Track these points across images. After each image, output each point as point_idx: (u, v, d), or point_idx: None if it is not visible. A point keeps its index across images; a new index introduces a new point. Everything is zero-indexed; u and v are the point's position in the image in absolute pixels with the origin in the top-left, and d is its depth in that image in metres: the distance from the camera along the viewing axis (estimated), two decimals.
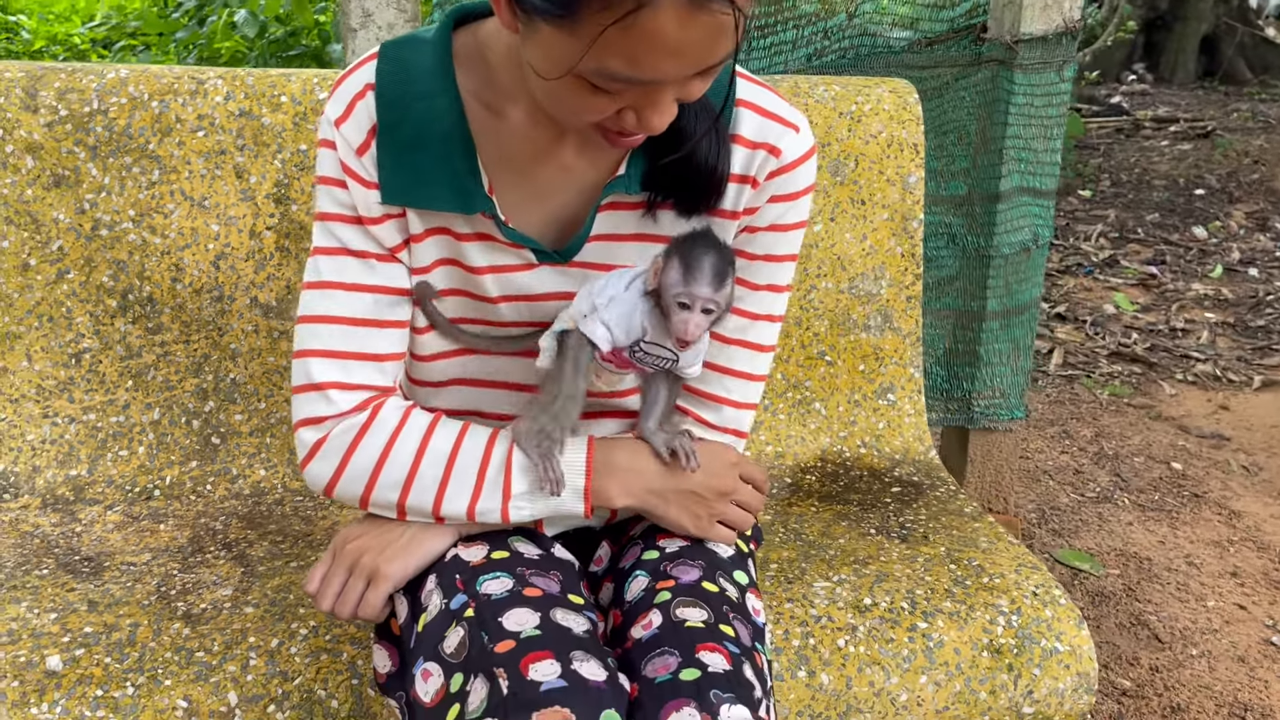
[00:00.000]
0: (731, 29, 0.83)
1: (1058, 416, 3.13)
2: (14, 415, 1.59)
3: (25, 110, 1.58)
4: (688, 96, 0.92)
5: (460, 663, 0.96)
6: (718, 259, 1.00)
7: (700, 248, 1.00)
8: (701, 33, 0.82)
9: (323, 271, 1.08)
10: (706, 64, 0.86)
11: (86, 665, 1.21)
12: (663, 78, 0.86)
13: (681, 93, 0.91)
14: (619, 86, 0.87)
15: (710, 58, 0.86)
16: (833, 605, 1.36)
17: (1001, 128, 2.04)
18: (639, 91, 0.88)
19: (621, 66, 0.84)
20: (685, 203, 1.08)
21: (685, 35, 0.82)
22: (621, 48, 0.82)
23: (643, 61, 0.83)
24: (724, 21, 0.82)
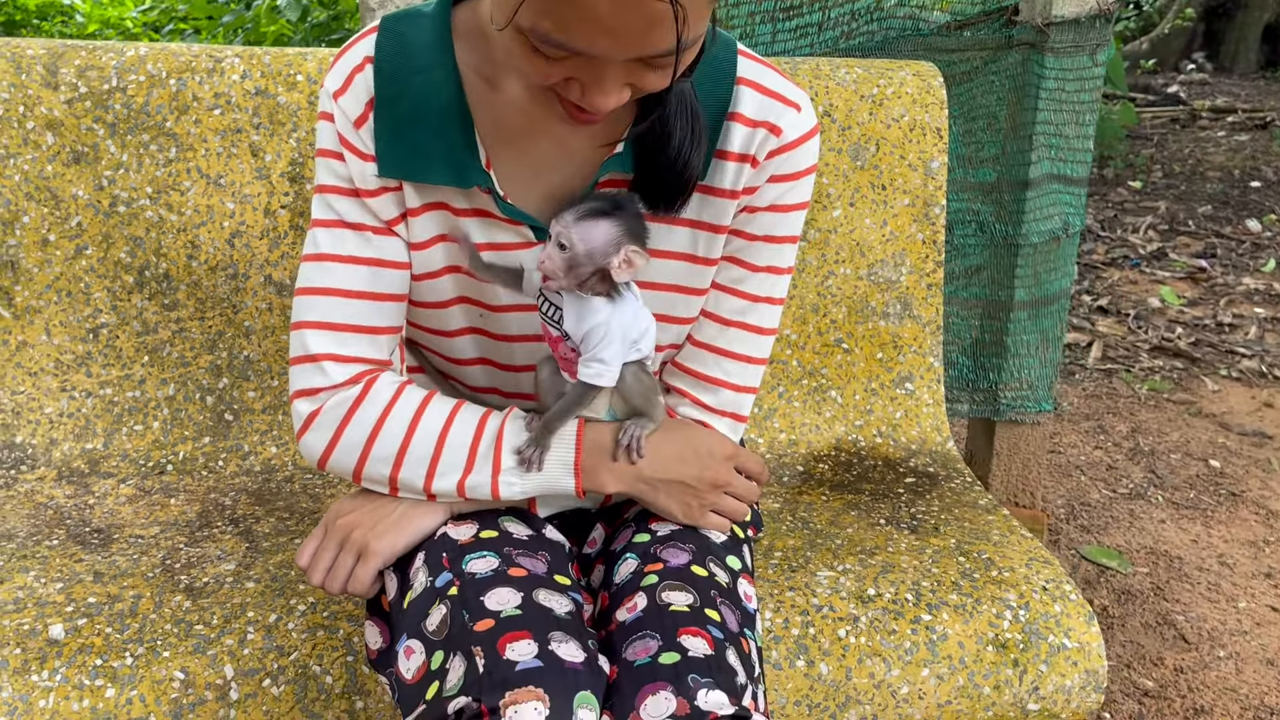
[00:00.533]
0: (670, 20, 0.80)
1: (1093, 411, 3.06)
2: (32, 388, 1.62)
3: (46, 87, 1.60)
4: (643, 85, 0.90)
5: (441, 641, 0.95)
6: (599, 208, 1.00)
7: (599, 198, 1.02)
8: (635, 15, 0.80)
9: (320, 244, 1.08)
10: (645, 51, 0.84)
11: (88, 635, 1.22)
12: (597, 52, 0.84)
13: (632, 79, 0.89)
14: (556, 52, 0.85)
15: (649, 45, 0.83)
16: (835, 595, 1.34)
17: (1032, 113, 1.99)
18: (580, 63, 0.86)
19: (552, 29, 0.82)
20: (648, 197, 1.06)
21: (617, 14, 0.80)
22: (551, 9, 0.81)
23: (572, 29, 0.82)
24: (660, 10, 0.79)
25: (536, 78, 0.90)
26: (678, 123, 1.01)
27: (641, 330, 1.07)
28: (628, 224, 1.00)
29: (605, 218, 0.99)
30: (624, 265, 0.99)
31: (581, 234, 0.99)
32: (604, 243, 0.99)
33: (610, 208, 1.00)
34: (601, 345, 1.03)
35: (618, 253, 0.99)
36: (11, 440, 1.60)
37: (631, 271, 1.00)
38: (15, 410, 1.61)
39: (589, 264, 0.99)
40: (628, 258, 0.99)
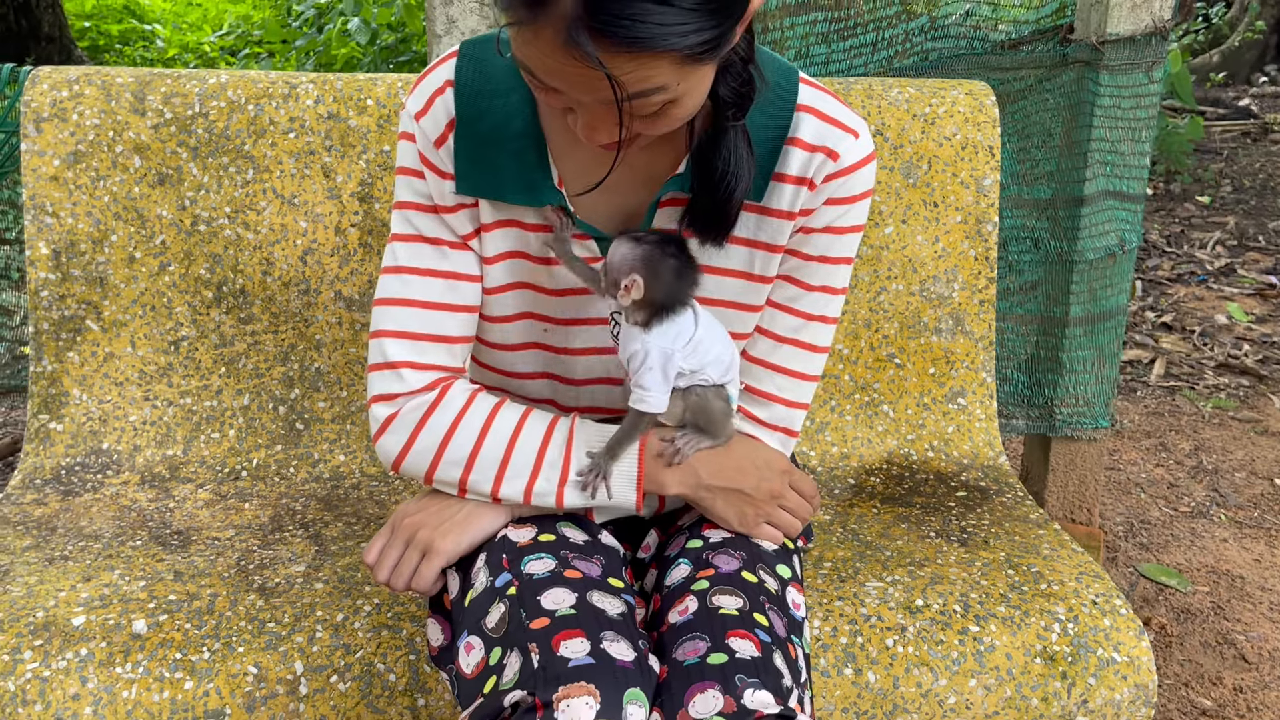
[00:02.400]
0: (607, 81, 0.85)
1: (1155, 428, 3.02)
2: (118, 397, 1.71)
3: (134, 114, 1.69)
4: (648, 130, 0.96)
5: (500, 637, 1.00)
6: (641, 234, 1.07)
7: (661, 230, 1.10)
8: (573, 72, 0.86)
9: (399, 257, 1.14)
10: (595, 97, 0.89)
11: (168, 630, 1.30)
12: (558, 89, 0.90)
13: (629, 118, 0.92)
14: (536, 84, 0.92)
15: (595, 94, 0.88)
16: (884, 605, 1.36)
17: (1087, 130, 2.00)
18: (564, 96, 0.92)
19: (523, 60, 0.90)
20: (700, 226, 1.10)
21: (560, 67, 0.86)
22: (519, 45, 0.89)
23: (535, 66, 0.89)
24: (596, 72, 0.85)
25: (544, 104, 0.96)
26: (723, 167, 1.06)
27: (703, 359, 1.11)
28: (650, 255, 1.06)
29: (638, 244, 1.07)
30: (624, 289, 1.06)
31: (616, 247, 1.07)
32: (619, 262, 1.06)
33: (654, 240, 1.07)
34: (641, 372, 1.09)
35: (628, 276, 1.05)
36: (99, 446, 1.69)
37: (626, 296, 1.06)
38: (102, 418, 1.70)
39: (610, 276, 1.07)
40: (627, 285, 1.06)
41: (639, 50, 0.83)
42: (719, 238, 1.11)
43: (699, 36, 0.84)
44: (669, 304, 1.08)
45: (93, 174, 1.69)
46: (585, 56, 0.83)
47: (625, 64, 0.84)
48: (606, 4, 0.80)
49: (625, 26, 0.81)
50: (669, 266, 1.07)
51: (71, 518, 1.56)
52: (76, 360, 1.71)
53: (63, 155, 1.68)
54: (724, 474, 1.15)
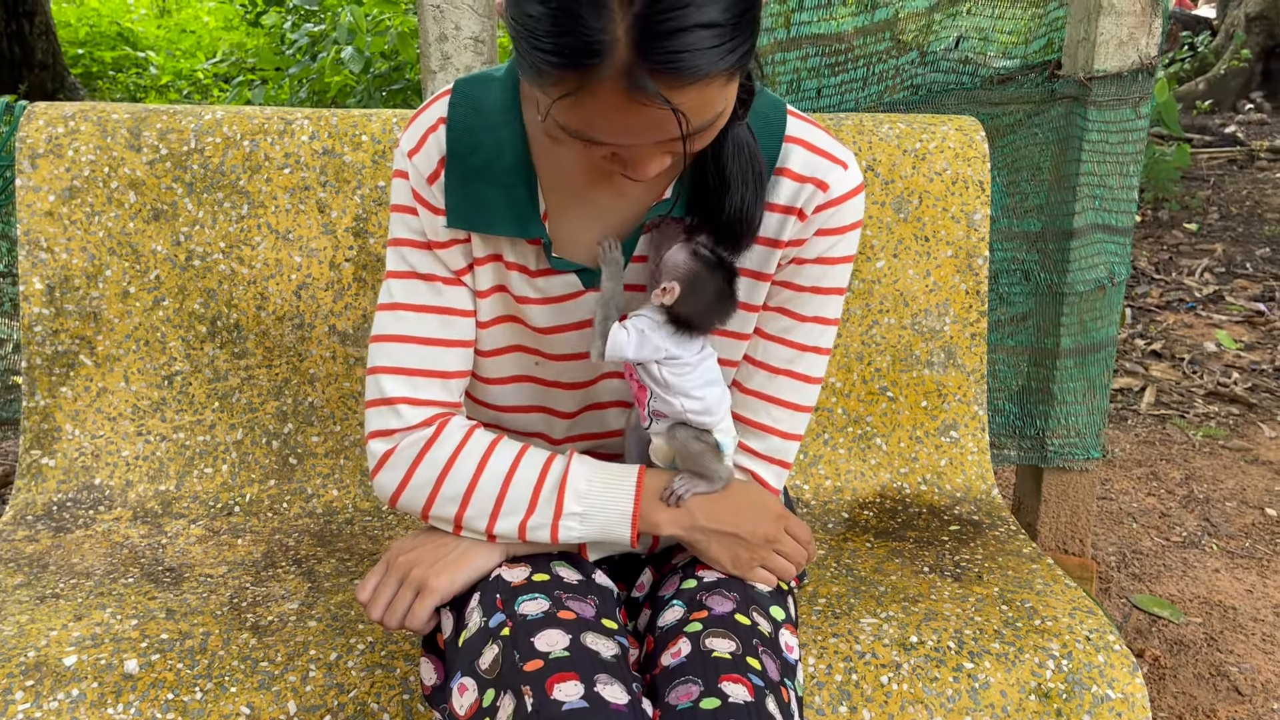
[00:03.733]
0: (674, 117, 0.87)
1: (1146, 457, 3.04)
2: (111, 432, 1.71)
3: (130, 149, 1.70)
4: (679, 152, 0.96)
5: (493, 679, 1.00)
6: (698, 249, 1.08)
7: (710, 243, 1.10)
8: (642, 119, 0.87)
9: (394, 294, 1.15)
10: (662, 138, 0.91)
11: (160, 670, 1.29)
12: (619, 143, 0.92)
13: (667, 150, 0.95)
14: (589, 146, 0.93)
15: (663, 134, 0.90)
16: (878, 642, 1.36)
17: (1075, 164, 2.02)
18: (610, 147, 0.94)
19: (579, 128, 0.91)
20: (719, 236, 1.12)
21: (627, 119, 0.88)
22: (574, 116, 0.89)
23: (595, 130, 0.90)
24: (664, 112, 0.86)
25: (583, 157, 0.97)
26: (737, 170, 1.07)
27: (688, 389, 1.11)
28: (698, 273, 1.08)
29: (694, 258, 1.08)
30: (662, 290, 1.08)
31: (676, 251, 1.09)
32: (670, 267, 1.08)
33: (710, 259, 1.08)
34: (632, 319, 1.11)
35: (668, 280, 1.08)
36: (91, 481, 1.69)
37: (660, 297, 1.08)
38: (95, 453, 1.70)
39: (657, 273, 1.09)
40: (666, 288, 1.08)
41: (698, 78, 0.85)
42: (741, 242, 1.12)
43: (741, 50, 0.86)
44: (691, 324, 1.10)
45: (88, 209, 1.70)
46: (651, 99, 0.85)
47: (686, 95, 0.86)
48: (659, 43, 0.82)
49: (684, 59, 0.83)
50: (710, 289, 1.09)
51: (63, 554, 1.55)
52: (69, 395, 1.70)
53: (58, 191, 1.69)
54: (719, 517, 1.15)
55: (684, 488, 1.14)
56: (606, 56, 0.83)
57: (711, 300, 1.09)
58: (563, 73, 0.85)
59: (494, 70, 1.15)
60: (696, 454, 1.12)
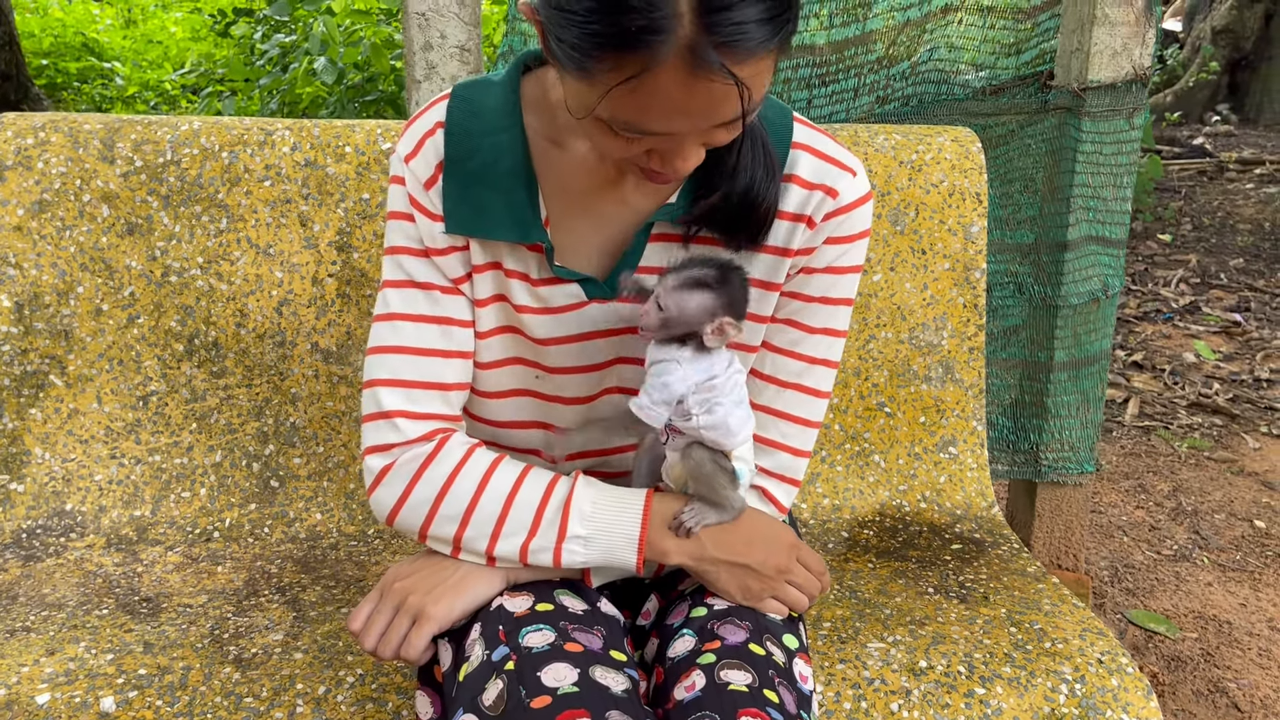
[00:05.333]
0: (735, 93, 0.85)
1: (1133, 470, 3.02)
2: (83, 456, 1.64)
3: (103, 161, 1.63)
4: (714, 142, 0.94)
5: (498, 716, 0.95)
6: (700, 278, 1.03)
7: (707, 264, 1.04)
8: (704, 97, 0.85)
9: (391, 304, 1.10)
10: (716, 121, 0.89)
11: (139, 708, 1.22)
12: (673, 131, 0.89)
13: (706, 140, 0.93)
14: (634, 135, 0.90)
15: (719, 116, 0.88)
16: (886, 668, 1.32)
17: (1069, 175, 2.00)
18: (657, 139, 0.91)
19: (632, 118, 0.88)
20: (730, 235, 1.08)
21: (689, 98, 0.85)
22: (629, 104, 0.86)
23: (650, 116, 0.87)
24: (727, 88, 0.84)
25: (619, 154, 0.94)
26: (749, 158, 1.04)
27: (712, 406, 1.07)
28: (727, 295, 1.04)
29: (704, 290, 1.03)
30: (715, 333, 1.04)
31: (677, 301, 1.03)
32: (697, 311, 1.03)
33: (714, 280, 1.03)
34: (654, 384, 1.06)
35: (711, 321, 1.03)
36: (61, 508, 1.62)
37: (721, 339, 1.04)
38: (65, 478, 1.63)
39: (681, 326, 1.04)
40: (720, 327, 1.03)
41: (760, 51, 0.84)
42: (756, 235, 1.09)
43: (789, 25, 0.85)
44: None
45: (59, 224, 1.63)
46: (716, 75, 0.83)
47: (744, 70, 0.84)
48: (723, 14, 0.81)
49: (748, 30, 0.82)
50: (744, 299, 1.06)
51: (33, 585, 1.48)
52: (39, 417, 1.63)
53: (27, 204, 1.62)
54: (729, 547, 1.10)
55: (693, 518, 1.09)
56: (670, 33, 0.80)
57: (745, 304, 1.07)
58: (621, 55, 0.82)
59: (492, 74, 1.11)
60: (709, 476, 1.08)
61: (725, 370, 1.07)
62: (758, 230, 1.08)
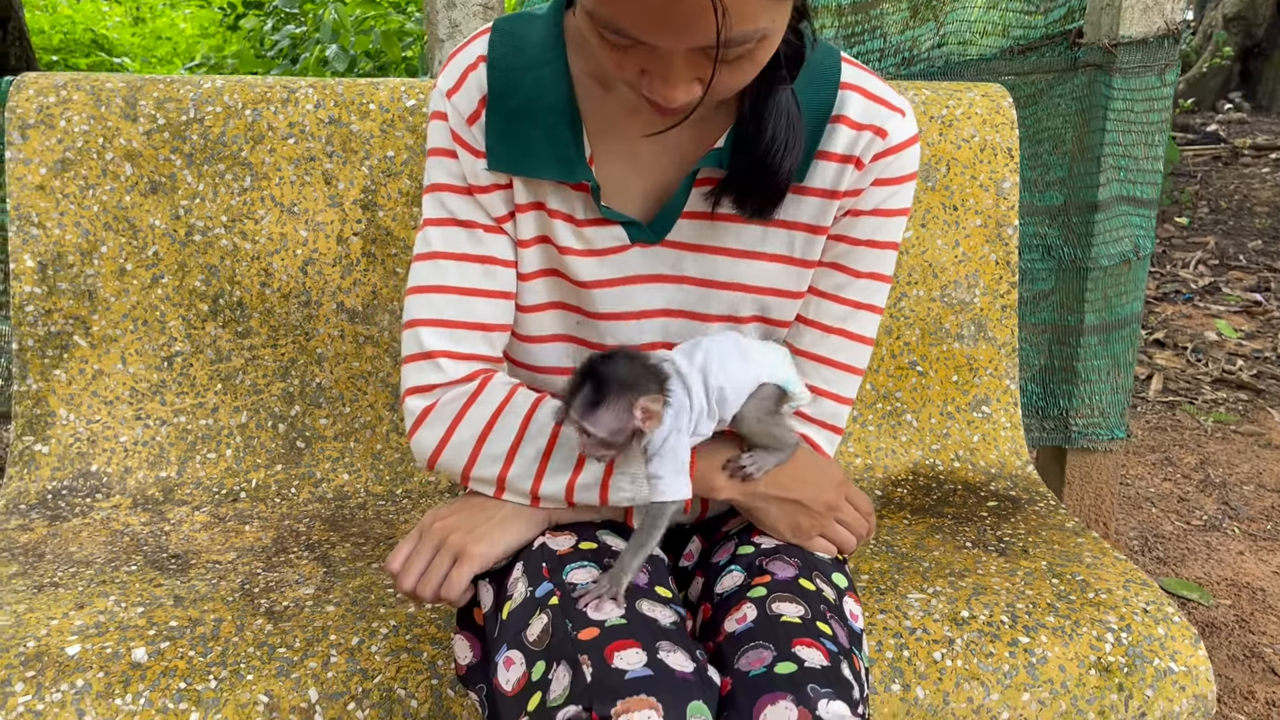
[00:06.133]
0: (710, 10, 0.80)
1: (1159, 443, 2.99)
2: (108, 417, 1.62)
3: (125, 119, 1.62)
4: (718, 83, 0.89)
5: (543, 650, 0.93)
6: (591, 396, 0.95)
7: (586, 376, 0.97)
8: (680, 12, 0.80)
9: (432, 242, 1.08)
10: (697, 41, 0.83)
11: (171, 658, 1.21)
12: (654, 42, 0.84)
13: (699, 72, 0.88)
14: (620, 40, 0.86)
15: (698, 35, 0.82)
16: (928, 617, 1.30)
17: (1099, 134, 1.97)
18: (647, 53, 0.86)
19: (610, 15, 0.84)
20: (741, 204, 1.05)
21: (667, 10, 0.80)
22: (610, 5, 0.83)
23: (627, 16, 0.83)
24: (700, 8, 0.79)
25: (613, 70, 0.91)
26: (773, 126, 1.01)
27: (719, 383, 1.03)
28: (624, 383, 0.96)
29: (602, 404, 0.95)
30: (646, 421, 0.96)
31: (593, 423, 0.96)
32: (614, 421, 0.96)
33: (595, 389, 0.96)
34: (655, 460, 1.00)
35: (633, 417, 0.96)
36: (88, 469, 1.60)
37: (655, 421, 0.97)
38: (91, 439, 1.61)
39: (621, 436, 0.96)
40: (645, 411, 0.96)
41: None
42: (767, 212, 1.05)
43: None
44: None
45: (81, 183, 1.61)
46: None
47: None
48: None
49: None
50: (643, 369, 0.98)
51: (60, 543, 1.46)
52: (63, 379, 1.62)
53: (49, 163, 1.60)
54: (779, 482, 1.08)
55: (755, 465, 1.06)
56: None
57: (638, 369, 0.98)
58: None
59: (535, 9, 1.09)
60: (764, 426, 1.05)
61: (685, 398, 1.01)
62: (769, 203, 1.05)
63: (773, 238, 1.09)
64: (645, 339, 1.13)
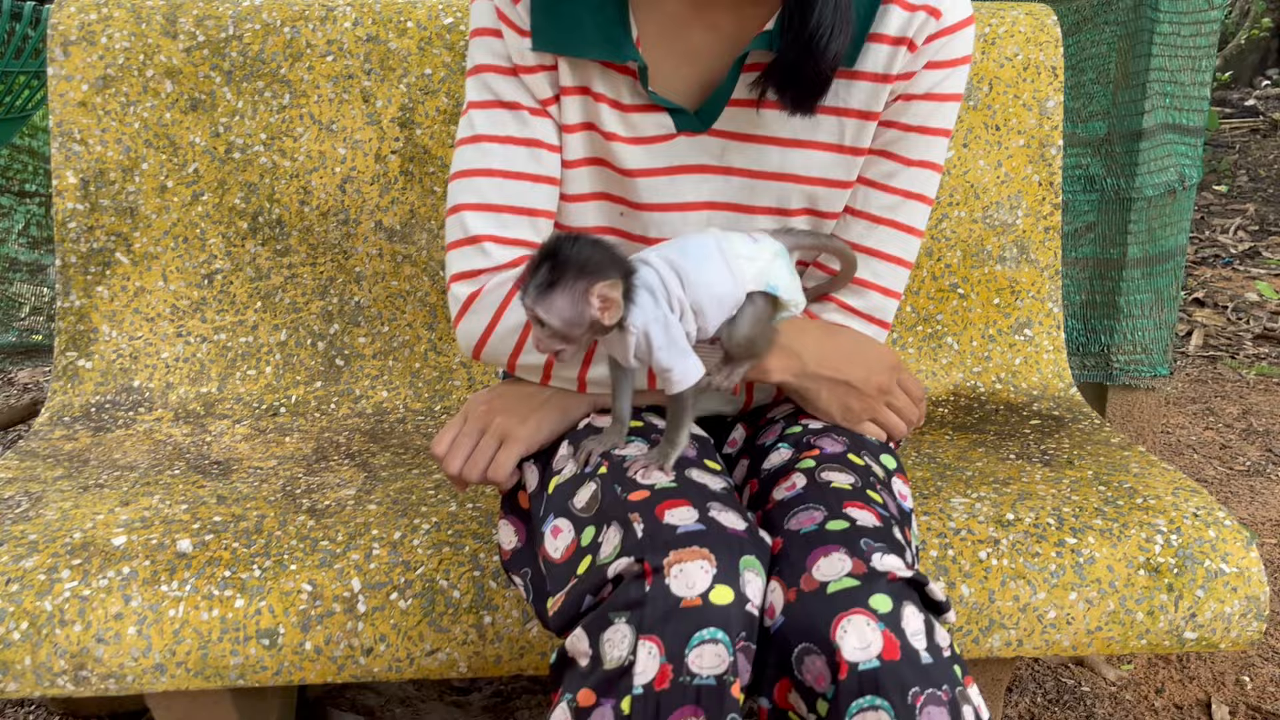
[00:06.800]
0: None
1: (1200, 395, 2.95)
2: (150, 334, 1.63)
3: (165, 36, 1.62)
4: None
5: (592, 516, 0.92)
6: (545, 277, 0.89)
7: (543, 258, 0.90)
8: None
9: (477, 125, 1.07)
10: None
11: (215, 549, 1.21)
12: None
13: None
14: None
15: None
16: (973, 519, 1.28)
17: (1145, 60, 1.93)
18: None
19: None
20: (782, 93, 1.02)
21: None
22: None
23: None
24: None
25: None
26: (820, 11, 0.98)
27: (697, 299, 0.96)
28: (582, 267, 0.90)
29: (556, 286, 0.89)
30: (604, 310, 0.90)
31: (548, 311, 0.90)
32: (569, 305, 0.90)
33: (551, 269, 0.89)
34: (654, 357, 0.94)
35: (589, 304, 0.90)
36: (130, 384, 1.61)
37: (614, 310, 0.90)
38: (133, 355, 1.62)
39: (578, 328, 0.91)
40: (603, 299, 0.89)
41: None
42: (808, 104, 1.03)
43: None
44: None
45: (122, 99, 1.62)
46: None
47: None
48: None
49: None
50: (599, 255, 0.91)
51: (104, 451, 1.47)
52: (105, 295, 1.63)
53: (91, 80, 1.61)
54: (831, 362, 1.06)
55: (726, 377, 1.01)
56: None
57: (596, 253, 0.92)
58: None
59: None
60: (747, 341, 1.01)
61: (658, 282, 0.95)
62: (812, 93, 1.02)
63: (823, 125, 1.08)
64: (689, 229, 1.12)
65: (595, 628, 0.83)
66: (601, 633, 0.82)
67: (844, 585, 0.82)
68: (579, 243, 0.91)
